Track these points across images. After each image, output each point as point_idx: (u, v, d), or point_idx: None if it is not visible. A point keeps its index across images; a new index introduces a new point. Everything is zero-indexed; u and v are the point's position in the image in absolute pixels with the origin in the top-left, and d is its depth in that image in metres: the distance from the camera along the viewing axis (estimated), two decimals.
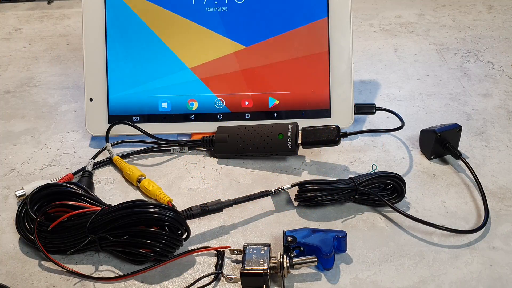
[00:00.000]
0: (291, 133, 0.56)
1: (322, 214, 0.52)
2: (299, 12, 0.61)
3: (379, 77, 0.73)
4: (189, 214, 0.49)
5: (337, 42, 0.61)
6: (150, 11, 0.61)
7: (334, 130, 0.55)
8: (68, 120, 0.67)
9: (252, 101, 0.62)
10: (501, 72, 0.73)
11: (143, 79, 0.61)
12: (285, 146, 0.56)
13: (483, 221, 0.50)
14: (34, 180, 0.56)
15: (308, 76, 0.61)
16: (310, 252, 0.45)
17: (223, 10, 0.61)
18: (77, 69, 0.77)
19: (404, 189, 0.52)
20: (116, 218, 0.45)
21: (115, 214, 0.45)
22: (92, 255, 0.48)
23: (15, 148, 0.62)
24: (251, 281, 0.44)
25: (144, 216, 0.45)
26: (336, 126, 0.55)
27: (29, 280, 0.46)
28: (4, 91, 0.73)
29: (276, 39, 0.61)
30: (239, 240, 0.49)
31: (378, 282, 0.45)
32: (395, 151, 0.60)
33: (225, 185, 0.56)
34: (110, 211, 0.45)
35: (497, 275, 0.45)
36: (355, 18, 0.87)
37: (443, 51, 0.79)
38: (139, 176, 0.55)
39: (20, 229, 0.48)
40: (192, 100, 0.62)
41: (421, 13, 0.90)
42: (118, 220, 0.45)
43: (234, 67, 0.61)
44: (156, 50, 0.61)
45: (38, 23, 0.91)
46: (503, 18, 0.88)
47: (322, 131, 0.56)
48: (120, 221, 0.45)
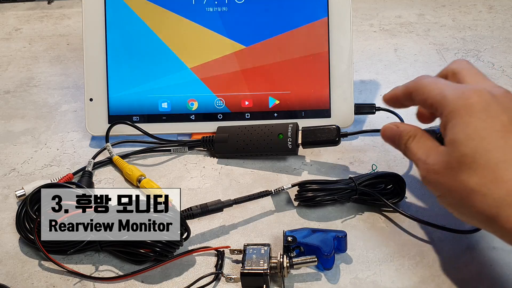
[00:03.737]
0: (291, 133, 0.56)
1: (322, 214, 0.52)
2: (299, 12, 0.61)
3: (379, 77, 0.73)
4: (189, 214, 0.49)
5: (337, 42, 0.61)
6: (150, 11, 0.61)
7: (334, 130, 0.55)
8: (68, 120, 0.67)
9: (252, 101, 0.62)
10: (501, 72, 0.73)
11: (143, 79, 0.61)
12: (285, 146, 0.56)
13: None
14: (34, 180, 0.56)
15: (308, 76, 0.61)
16: (310, 252, 0.45)
17: (223, 10, 0.61)
18: (77, 69, 0.77)
19: (404, 189, 0.52)
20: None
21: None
22: (92, 255, 0.48)
23: (15, 148, 0.62)
24: (251, 281, 0.44)
25: None
26: (336, 126, 0.56)
27: (29, 280, 0.46)
28: (4, 91, 0.73)
29: (276, 39, 0.61)
30: (239, 240, 0.49)
31: (378, 282, 0.45)
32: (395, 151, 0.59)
33: (225, 185, 0.56)
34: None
35: (497, 275, 0.45)
36: (355, 18, 0.87)
37: (443, 51, 0.79)
38: (139, 176, 0.55)
39: (20, 229, 0.48)
40: (192, 100, 0.62)
41: (421, 13, 0.89)
42: None
43: (234, 67, 0.61)
44: (156, 50, 0.61)
45: (38, 23, 0.91)
46: (503, 18, 0.88)
47: (322, 131, 0.56)
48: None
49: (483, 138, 0.37)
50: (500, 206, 0.35)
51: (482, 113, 0.38)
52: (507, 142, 0.36)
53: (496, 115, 0.38)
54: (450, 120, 0.39)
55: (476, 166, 0.37)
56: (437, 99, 0.40)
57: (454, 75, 0.44)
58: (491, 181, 0.36)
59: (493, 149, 0.36)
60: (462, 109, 0.38)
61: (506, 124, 0.37)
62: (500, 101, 0.39)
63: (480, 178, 0.36)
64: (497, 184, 0.36)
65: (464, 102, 0.38)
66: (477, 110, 0.38)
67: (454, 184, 0.38)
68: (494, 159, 0.36)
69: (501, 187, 0.35)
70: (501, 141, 0.37)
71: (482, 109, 0.38)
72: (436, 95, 0.41)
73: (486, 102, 0.38)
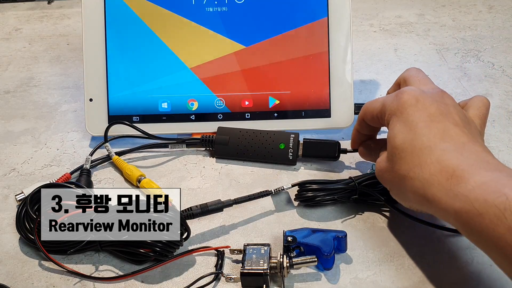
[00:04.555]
0: (292, 144, 0.57)
1: (322, 214, 0.52)
2: (299, 12, 0.61)
3: (379, 77, 0.73)
4: (189, 214, 0.49)
5: (337, 42, 0.61)
6: (150, 11, 0.61)
7: (334, 145, 0.57)
8: (68, 120, 0.67)
9: (252, 101, 0.62)
10: (501, 72, 0.73)
11: (143, 79, 0.61)
12: (285, 156, 0.57)
13: None
14: (34, 180, 0.57)
15: (308, 76, 0.61)
16: (310, 252, 0.45)
17: (223, 10, 0.61)
18: (77, 69, 0.77)
19: None
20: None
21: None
22: (92, 255, 0.48)
23: (15, 148, 0.62)
24: (251, 281, 0.44)
25: None
26: (337, 142, 0.57)
27: (29, 280, 0.46)
28: (4, 91, 0.73)
29: (276, 39, 0.61)
30: (239, 240, 0.49)
31: (378, 282, 0.45)
32: None
33: (225, 185, 0.56)
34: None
35: (497, 275, 0.45)
36: (355, 18, 0.87)
37: (443, 51, 0.79)
38: (139, 176, 0.55)
39: (20, 229, 0.48)
40: (192, 100, 0.62)
41: (421, 13, 0.90)
42: None
43: (234, 67, 0.61)
44: (156, 50, 0.61)
45: (38, 23, 0.91)
46: (503, 18, 0.88)
47: (324, 145, 0.57)
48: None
49: (410, 129, 0.41)
50: (426, 187, 0.39)
51: (412, 107, 0.42)
52: (431, 130, 0.41)
53: (424, 107, 0.42)
54: (389, 122, 0.44)
55: (404, 154, 0.41)
56: (379, 109, 0.46)
57: (405, 82, 0.49)
58: (417, 165, 0.40)
59: (418, 137, 0.41)
60: (397, 109, 0.43)
61: (432, 114, 0.42)
62: (430, 96, 0.43)
63: (408, 165, 0.41)
64: (422, 168, 0.40)
65: (398, 102, 0.43)
66: (408, 106, 0.42)
67: (392, 175, 0.43)
68: (418, 145, 0.40)
69: (425, 170, 0.39)
70: (426, 129, 0.41)
71: (412, 105, 0.42)
72: (377, 106, 0.46)
73: (416, 98, 0.43)
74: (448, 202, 0.37)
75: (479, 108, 0.46)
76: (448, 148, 0.39)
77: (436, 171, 0.39)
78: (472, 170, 0.37)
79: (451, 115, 0.42)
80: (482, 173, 0.37)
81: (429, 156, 0.40)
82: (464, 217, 0.36)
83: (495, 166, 0.38)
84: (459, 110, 0.43)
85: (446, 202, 0.38)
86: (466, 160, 0.38)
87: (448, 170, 0.38)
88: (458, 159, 0.39)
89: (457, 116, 0.42)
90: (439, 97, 0.43)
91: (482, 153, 0.39)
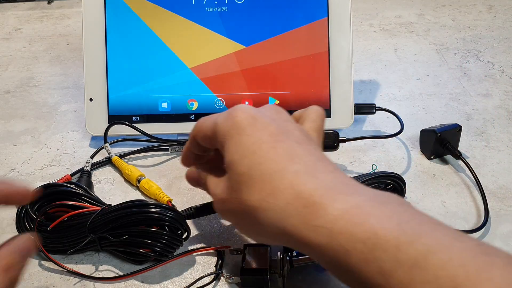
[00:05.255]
0: None
1: None
2: (299, 12, 0.61)
3: (379, 77, 0.73)
4: (189, 214, 0.49)
5: (337, 42, 0.61)
6: (150, 11, 0.61)
7: (333, 135, 0.55)
8: (68, 120, 0.67)
9: (252, 101, 0.62)
10: (501, 72, 0.73)
11: (143, 79, 0.61)
12: None
13: (483, 221, 0.50)
14: (34, 180, 0.57)
15: (308, 76, 0.61)
16: None
17: (223, 10, 0.61)
18: (77, 69, 0.77)
19: (404, 189, 0.52)
20: (116, 218, 0.45)
21: (115, 214, 0.45)
22: (92, 255, 0.48)
23: (15, 148, 0.62)
24: (251, 281, 0.44)
25: (144, 216, 0.45)
26: (335, 132, 0.55)
27: (29, 280, 0.46)
28: (4, 91, 0.73)
29: (276, 39, 0.61)
30: (239, 240, 0.49)
31: None
32: (395, 151, 0.60)
33: None
34: (110, 211, 0.45)
35: None
36: (355, 18, 0.87)
37: (443, 51, 0.79)
38: (139, 176, 0.55)
39: (20, 229, 0.48)
40: (192, 100, 0.62)
41: (421, 13, 0.90)
42: (118, 220, 0.45)
43: (234, 67, 0.61)
44: (156, 50, 0.61)
45: (38, 23, 0.91)
46: (503, 18, 0.88)
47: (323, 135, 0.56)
48: (120, 221, 0.45)
49: (253, 153, 0.35)
50: (284, 218, 0.33)
51: (249, 128, 0.36)
52: (277, 151, 0.35)
53: (262, 127, 0.36)
54: (224, 144, 0.37)
55: (253, 182, 0.35)
56: (211, 128, 0.39)
57: None
58: (269, 194, 0.34)
59: (265, 161, 0.35)
60: (232, 129, 0.37)
61: (274, 133, 0.36)
62: (265, 113, 0.38)
63: (259, 194, 0.34)
64: (275, 196, 0.34)
65: (232, 121, 0.37)
66: (244, 126, 0.36)
67: (239, 207, 0.36)
68: (267, 170, 0.34)
69: (280, 198, 0.33)
70: (272, 151, 0.35)
71: (249, 124, 0.36)
72: (209, 125, 0.39)
73: (252, 116, 0.37)
74: (310, 236, 0.32)
75: (314, 120, 0.41)
76: (300, 170, 0.34)
77: (292, 198, 0.33)
78: (330, 195, 0.32)
79: (291, 133, 0.37)
80: (342, 199, 0.32)
81: (281, 181, 0.34)
82: (330, 254, 0.31)
83: (354, 188, 0.33)
84: (297, 125, 0.39)
85: (307, 235, 0.32)
86: (321, 183, 0.33)
87: (304, 196, 0.33)
88: (313, 182, 0.33)
89: (298, 132, 0.37)
90: (275, 114, 0.38)
91: (335, 172, 0.35)
